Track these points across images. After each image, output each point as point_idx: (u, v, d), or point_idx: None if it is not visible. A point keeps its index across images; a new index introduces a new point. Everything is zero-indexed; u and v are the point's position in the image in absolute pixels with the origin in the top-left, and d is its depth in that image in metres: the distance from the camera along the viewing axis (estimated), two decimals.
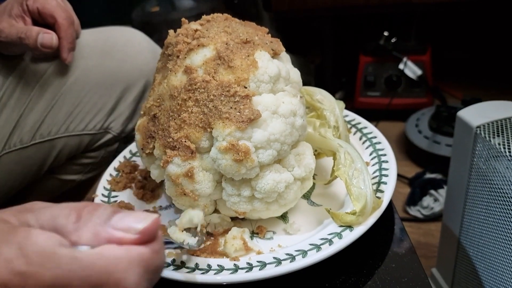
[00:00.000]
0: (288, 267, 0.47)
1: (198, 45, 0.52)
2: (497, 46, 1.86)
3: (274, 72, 0.51)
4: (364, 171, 0.53)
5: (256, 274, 0.47)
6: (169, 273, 0.48)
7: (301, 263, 0.47)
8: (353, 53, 1.77)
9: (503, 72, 1.85)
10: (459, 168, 0.80)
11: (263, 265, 0.48)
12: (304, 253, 0.49)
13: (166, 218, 0.60)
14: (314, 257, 0.47)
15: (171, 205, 0.63)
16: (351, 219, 0.50)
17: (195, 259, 0.51)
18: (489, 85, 1.83)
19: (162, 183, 0.60)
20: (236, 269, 0.48)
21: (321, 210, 0.57)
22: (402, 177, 1.48)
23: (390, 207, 0.59)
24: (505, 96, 1.01)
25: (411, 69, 1.63)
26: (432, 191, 1.35)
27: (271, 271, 0.47)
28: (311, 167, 0.54)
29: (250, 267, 0.48)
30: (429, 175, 1.43)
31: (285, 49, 0.57)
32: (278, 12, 1.67)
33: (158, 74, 0.60)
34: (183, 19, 0.58)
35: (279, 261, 0.49)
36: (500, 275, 0.71)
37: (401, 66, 1.63)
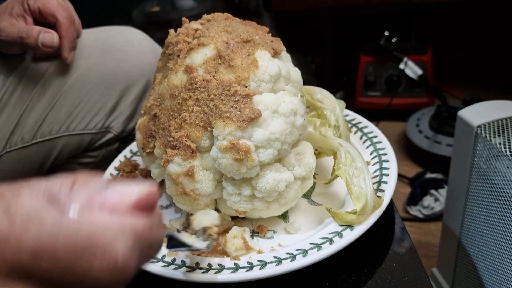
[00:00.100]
0: (288, 266, 0.47)
1: (199, 44, 0.52)
2: (498, 46, 1.86)
3: (275, 71, 0.51)
4: (365, 170, 0.53)
5: (257, 273, 0.47)
6: (169, 272, 0.48)
7: (301, 262, 0.47)
8: (354, 53, 1.77)
9: (503, 72, 1.85)
10: (459, 168, 0.80)
11: (264, 264, 0.48)
12: (305, 252, 0.49)
13: (166, 217, 0.60)
14: (314, 256, 0.47)
15: (171, 204, 0.63)
16: (352, 218, 0.50)
17: (196, 258, 0.51)
18: (489, 85, 1.83)
19: (162, 182, 0.60)
20: (237, 268, 0.48)
21: (321, 209, 0.57)
22: (402, 177, 1.48)
23: (391, 207, 0.58)
24: (506, 96, 1.02)
25: (411, 69, 1.62)
26: (433, 191, 1.35)
27: (272, 270, 0.47)
28: (312, 166, 0.54)
29: (251, 266, 0.48)
30: (429, 175, 1.43)
31: (285, 48, 0.57)
32: (278, 12, 1.67)
33: (158, 73, 0.60)
34: (183, 18, 0.58)
35: (279, 260, 0.48)
36: (500, 274, 0.71)
37: (401, 66, 1.63)
